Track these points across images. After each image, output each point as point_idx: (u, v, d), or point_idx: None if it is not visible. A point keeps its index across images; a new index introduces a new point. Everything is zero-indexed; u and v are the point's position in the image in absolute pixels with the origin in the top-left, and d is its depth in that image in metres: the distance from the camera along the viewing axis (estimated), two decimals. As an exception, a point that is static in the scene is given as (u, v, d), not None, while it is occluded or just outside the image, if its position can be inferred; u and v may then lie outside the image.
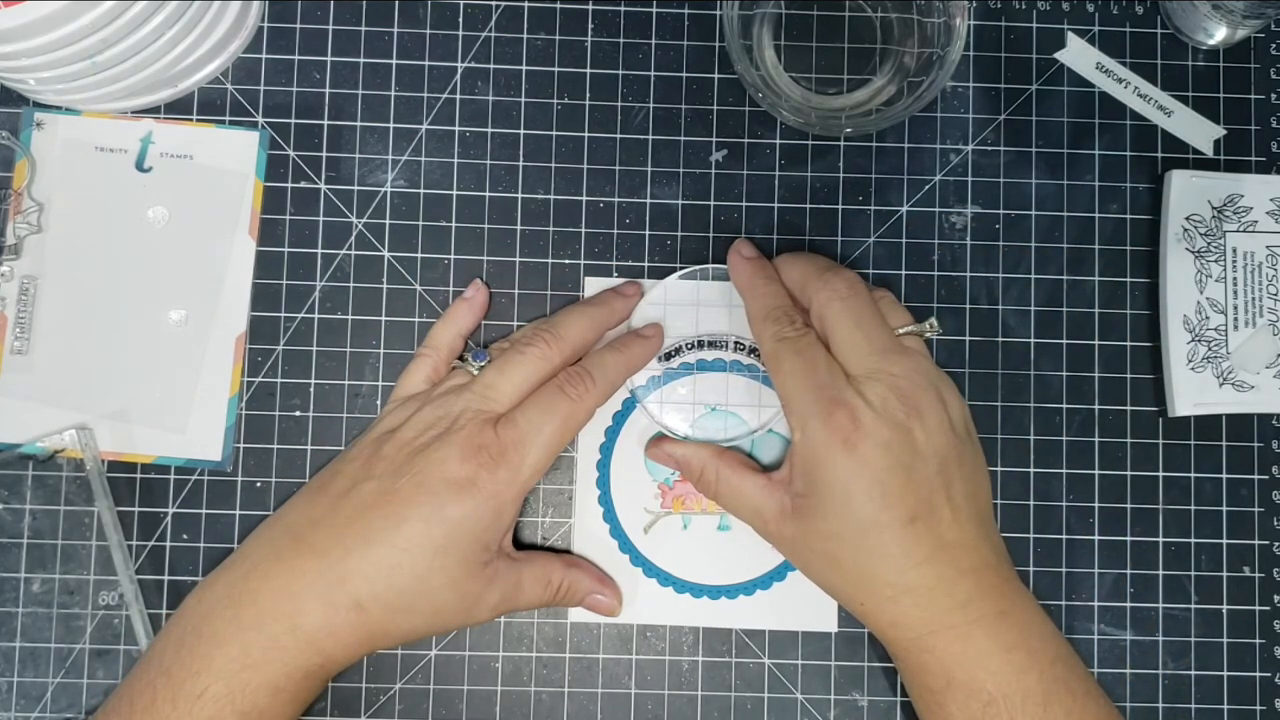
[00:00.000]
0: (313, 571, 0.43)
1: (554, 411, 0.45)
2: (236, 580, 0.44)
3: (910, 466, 0.43)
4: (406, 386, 0.49)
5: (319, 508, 0.45)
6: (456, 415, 0.45)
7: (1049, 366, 0.51)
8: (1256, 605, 0.50)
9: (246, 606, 0.43)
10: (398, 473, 0.44)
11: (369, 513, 0.44)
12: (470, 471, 0.44)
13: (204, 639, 0.43)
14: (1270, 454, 0.51)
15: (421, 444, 0.45)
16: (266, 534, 0.46)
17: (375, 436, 0.47)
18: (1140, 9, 0.53)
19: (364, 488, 0.44)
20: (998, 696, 0.42)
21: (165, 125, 0.51)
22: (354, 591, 0.43)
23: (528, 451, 0.45)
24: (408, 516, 0.43)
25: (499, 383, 0.46)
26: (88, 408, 0.49)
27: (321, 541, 0.44)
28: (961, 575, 0.43)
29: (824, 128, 0.50)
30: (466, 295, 0.50)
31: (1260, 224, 0.51)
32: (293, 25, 0.51)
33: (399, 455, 0.45)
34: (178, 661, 0.42)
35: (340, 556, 0.43)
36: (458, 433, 0.44)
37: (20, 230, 0.49)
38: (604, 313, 0.49)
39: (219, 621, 0.43)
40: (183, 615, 0.44)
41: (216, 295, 0.50)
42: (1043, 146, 0.52)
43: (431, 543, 0.43)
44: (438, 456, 0.44)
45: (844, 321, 0.45)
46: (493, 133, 0.51)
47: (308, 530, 0.44)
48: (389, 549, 0.43)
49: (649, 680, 0.49)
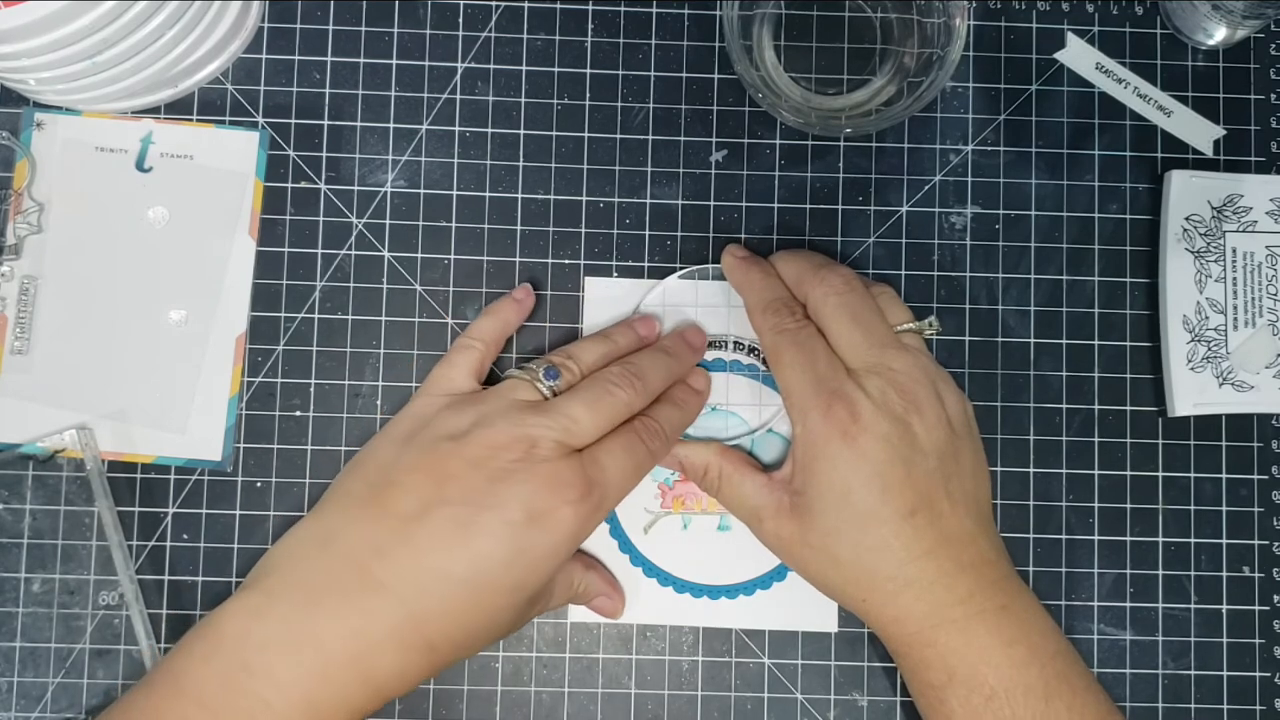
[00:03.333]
0: (387, 613, 0.40)
1: (635, 458, 0.44)
2: (294, 615, 0.40)
3: (909, 460, 0.43)
4: (452, 379, 0.46)
5: (384, 531, 0.41)
6: (536, 441, 0.42)
7: (1049, 366, 0.51)
8: (1256, 605, 0.50)
9: (309, 650, 0.39)
10: (475, 500, 0.41)
11: (445, 546, 0.40)
12: (553, 508, 0.41)
13: (258, 678, 0.39)
14: (1270, 454, 0.51)
15: (499, 468, 0.41)
16: (320, 556, 0.41)
17: (432, 439, 0.43)
18: (1140, 9, 0.53)
19: (437, 514, 0.41)
20: (999, 690, 0.42)
21: (165, 125, 0.51)
22: (429, 635, 0.40)
23: (608, 493, 0.43)
24: (489, 556, 0.41)
25: (585, 418, 0.43)
26: (88, 408, 0.49)
27: (393, 577, 0.40)
28: (962, 570, 0.43)
29: (824, 128, 0.50)
30: (516, 296, 0.49)
31: (1260, 224, 0.51)
32: (293, 25, 0.51)
33: (473, 478, 0.41)
34: (225, 701, 0.39)
35: (415, 596, 0.40)
36: (542, 464, 0.42)
37: (20, 230, 0.49)
38: (680, 366, 0.48)
39: (277, 662, 0.39)
40: (223, 642, 0.40)
41: (216, 295, 0.50)
42: (1043, 146, 0.52)
43: (510, 583, 0.41)
44: (522, 490, 0.41)
45: (841, 317, 0.45)
46: (493, 133, 0.51)
47: (374, 560, 0.41)
48: (467, 590, 0.40)
49: (649, 680, 0.49)
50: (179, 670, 0.40)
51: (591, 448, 0.44)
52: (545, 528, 0.41)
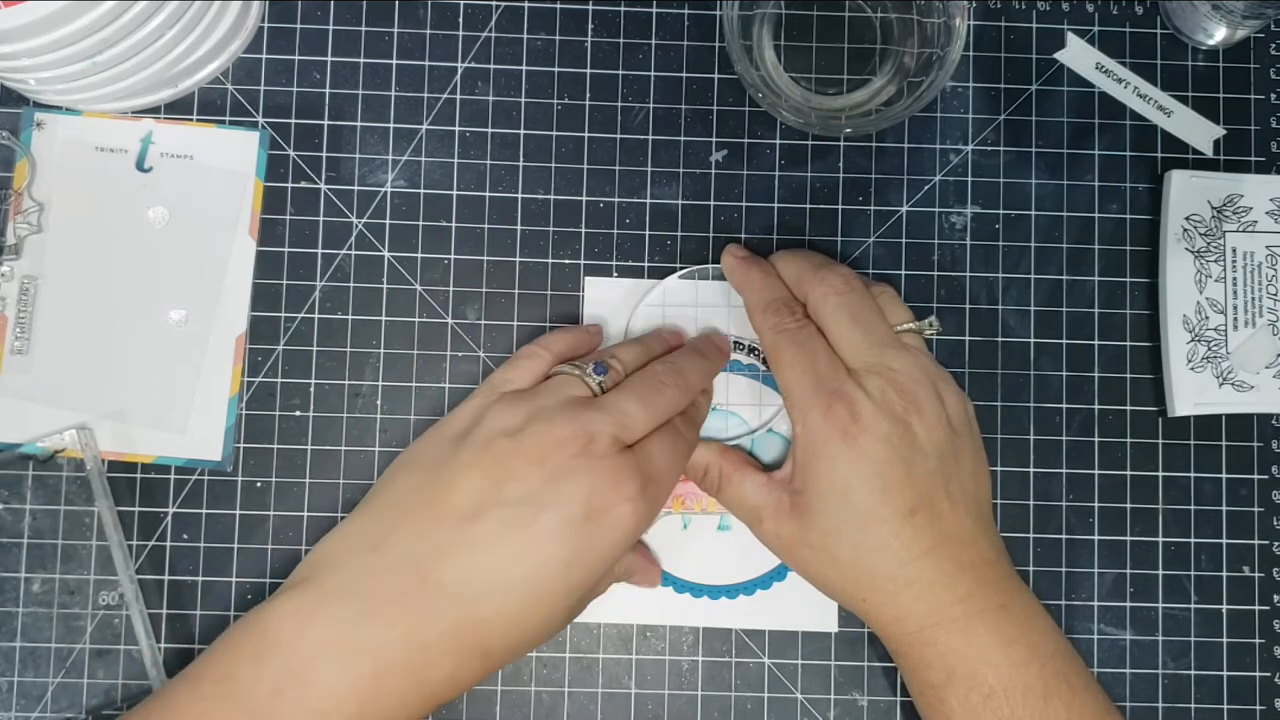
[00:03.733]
0: (444, 618, 0.39)
1: (679, 452, 0.44)
2: (349, 620, 0.39)
3: (909, 460, 0.43)
4: (513, 380, 0.45)
5: (440, 532, 0.40)
6: (593, 435, 0.41)
7: (1049, 366, 0.51)
8: (1256, 605, 0.50)
9: (365, 657, 0.38)
10: (534, 499, 0.40)
11: (503, 546, 0.40)
12: (612, 504, 0.40)
13: (311, 689, 0.38)
14: (1270, 454, 0.51)
15: (558, 465, 0.40)
16: (373, 558, 0.40)
17: (487, 436, 0.42)
18: (1140, 9, 0.53)
19: (495, 514, 0.40)
20: (998, 689, 0.42)
21: (165, 125, 0.51)
22: (485, 640, 0.40)
23: (661, 488, 0.43)
24: (548, 559, 0.40)
25: (638, 413, 0.43)
26: (88, 408, 0.49)
27: (451, 579, 0.39)
28: (962, 569, 0.43)
29: (824, 128, 0.50)
30: (590, 329, 0.49)
31: (1260, 224, 0.51)
32: (293, 25, 0.51)
33: (532, 476, 0.40)
34: (276, 710, 0.38)
35: (474, 601, 0.39)
36: (600, 460, 0.41)
37: (20, 230, 0.49)
38: (714, 367, 0.48)
39: (331, 671, 0.38)
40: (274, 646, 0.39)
41: (216, 295, 0.50)
42: (1043, 146, 0.52)
43: (569, 585, 0.40)
44: (582, 487, 0.40)
45: (841, 317, 0.45)
46: (493, 133, 0.51)
47: (431, 563, 0.39)
48: (526, 593, 0.40)
49: (649, 680, 0.49)
50: (226, 670, 0.39)
51: (642, 442, 0.43)
52: (604, 526, 0.40)
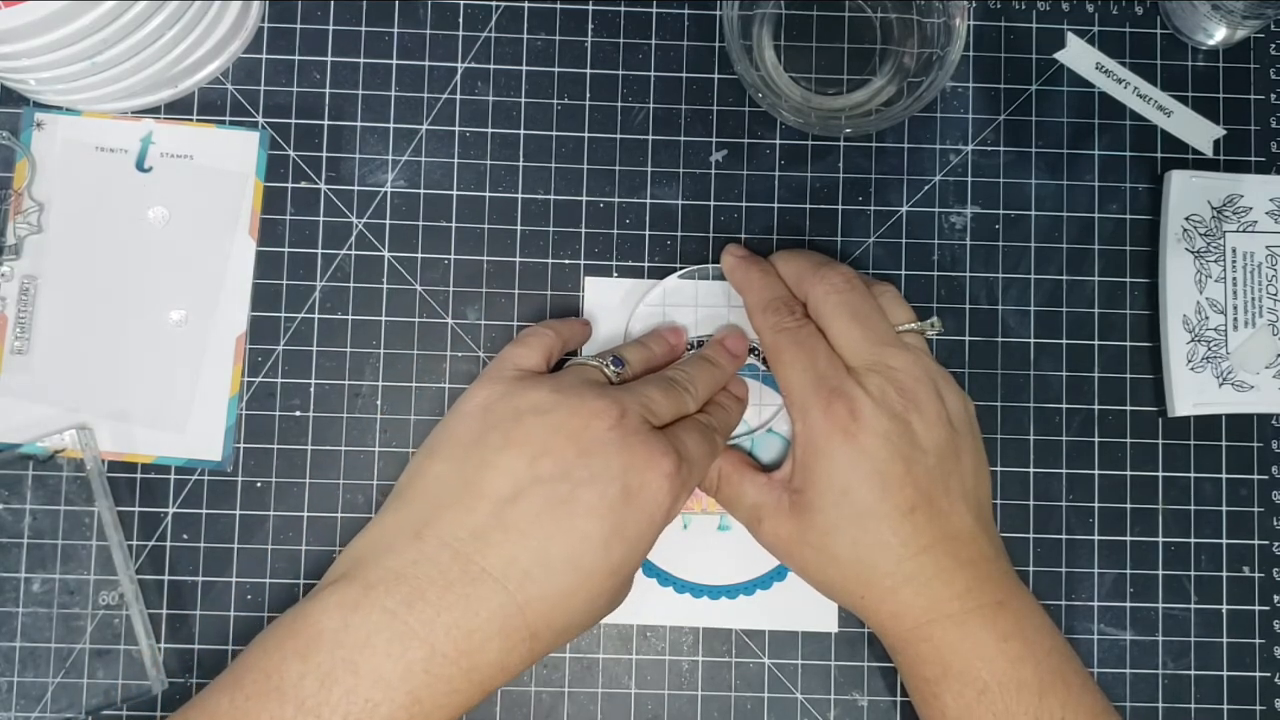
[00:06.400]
0: (492, 602, 0.39)
1: (707, 445, 0.44)
2: (397, 609, 0.38)
3: (909, 458, 0.43)
4: (524, 358, 0.45)
5: (478, 514, 0.40)
6: (625, 409, 0.41)
7: (1049, 366, 0.51)
8: (1256, 605, 0.50)
9: (414, 642, 0.38)
10: (570, 475, 0.40)
11: (544, 526, 0.39)
12: (648, 481, 0.40)
13: (362, 678, 0.37)
14: (1270, 454, 0.51)
15: (592, 439, 0.40)
16: (414, 546, 0.40)
17: (514, 414, 0.41)
18: (1140, 9, 0.53)
19: (533, 493, 0.40)
20: (992, 685, 0.42)
21: (165, 125, 0.51)
22: (531, 622, 0.39)
23: (693, 471, 0.43)
24: (588, 534, 0.40)
25: (662, 402, 0.43)
26: (88, 408, 0.49)
27: (494, 563, 0.39)
28: (960, 566, 0.43)
29: (824, 128, 0.50)
30: (584, 320, 0.50)
31: (1260, 224, 0.51)
32: (293, 25, 0.51)
33: (566, 451, 0.40)
34: (327, 701, 0.37)
35: (519, 583, 0.39)
36: (634, 435, 0.41)
37: (20, 230, 0.49)
38: (723, 375, 0.48)
39: (381, 659, 0.38)
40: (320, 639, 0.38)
41: (216, 295, 0.50)
42: (1042, 147, 0.52)
43: (611, 564, 0.40)
44: (617, 461, 0.40)
45: (841, 315, 0.45)
46: (493, 133, 0.51)
47: (473, 548, 0.39)
48: (569, 572, 0.39)
49: (649, 680, 0.49)
50: (270, 668, 0.38)
51: (672, 426, 0.43)
52: (641, 502, 0.40)
